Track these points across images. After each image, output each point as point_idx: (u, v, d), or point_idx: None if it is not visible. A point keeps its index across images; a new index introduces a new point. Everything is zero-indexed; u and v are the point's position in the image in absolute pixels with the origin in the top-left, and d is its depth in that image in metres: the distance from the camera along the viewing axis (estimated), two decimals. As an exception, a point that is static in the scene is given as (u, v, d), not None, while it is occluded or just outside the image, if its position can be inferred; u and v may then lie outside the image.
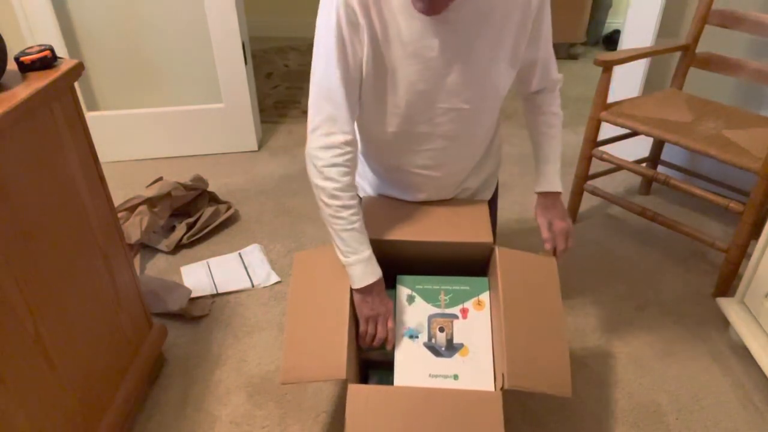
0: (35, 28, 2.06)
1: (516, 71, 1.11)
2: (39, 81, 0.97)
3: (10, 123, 0.87)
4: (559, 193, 1.24)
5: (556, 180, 1.23)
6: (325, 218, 1.09)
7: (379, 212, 1.22)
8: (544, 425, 1.30)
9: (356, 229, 1.07)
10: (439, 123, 1.10)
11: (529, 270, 1.13)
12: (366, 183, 1.31)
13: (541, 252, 1.20)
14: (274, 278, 1.75)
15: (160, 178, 2.04)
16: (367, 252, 1.08)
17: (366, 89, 1.06)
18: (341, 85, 1.01)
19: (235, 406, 1.35)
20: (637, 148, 2.02)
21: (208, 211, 1.94)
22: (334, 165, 1.03)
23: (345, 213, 1.05)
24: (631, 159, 1.86)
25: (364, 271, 1.07)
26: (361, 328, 1.11)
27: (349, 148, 1.04)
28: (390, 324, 1.10)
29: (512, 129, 2.60)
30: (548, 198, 1.24)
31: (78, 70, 1.06)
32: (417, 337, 1.11)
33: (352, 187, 1.06)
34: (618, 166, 1.83)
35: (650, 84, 2.19)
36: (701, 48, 1.84)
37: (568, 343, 1.05)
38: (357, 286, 1.08)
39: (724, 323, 1.55)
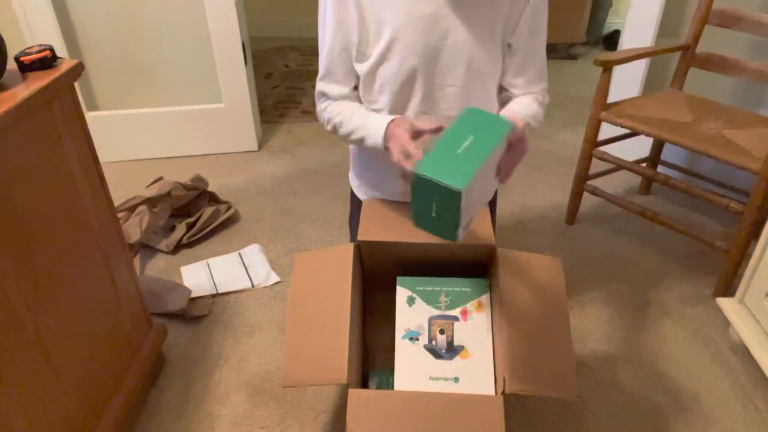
0: (35, 28, 2.06)
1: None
2: (39, 81, 0.96)
3: (10, 123, 0.87)
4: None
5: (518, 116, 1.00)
6: (341, 129, 1.11)
7: (379, 215, 1.22)
8: (543, 425, 1.31)
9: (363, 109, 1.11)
10: (438, 99, 1.09)
11: (531, 270, 1.12)
12: (365, 183, 1.31)
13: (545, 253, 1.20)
14: (274, 278, 1.75)
15: (160, 178, 2.04)
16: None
17: (361, 62, 1.06)
18: (333, 61, 1.09)
19: (235, 406, 1.35)
20: (637, 148, 2.02)
21: (208, 211, 1.94)
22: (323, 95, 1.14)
23: (347, 105, 1.10)
24: (631, 159, 1.86)
25: (376, 124, 1.03)
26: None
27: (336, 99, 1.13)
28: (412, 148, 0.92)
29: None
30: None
31: (78, 70, 1.06)
32: (417, 339, 1.10)
33: (342, 98, 1.13)
34: (618, 166, 1.83)
35: (650, 84, 2.19)
36: (701, 48, 1.84)
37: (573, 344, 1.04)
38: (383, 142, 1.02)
39: (724, 323, 1.55)
